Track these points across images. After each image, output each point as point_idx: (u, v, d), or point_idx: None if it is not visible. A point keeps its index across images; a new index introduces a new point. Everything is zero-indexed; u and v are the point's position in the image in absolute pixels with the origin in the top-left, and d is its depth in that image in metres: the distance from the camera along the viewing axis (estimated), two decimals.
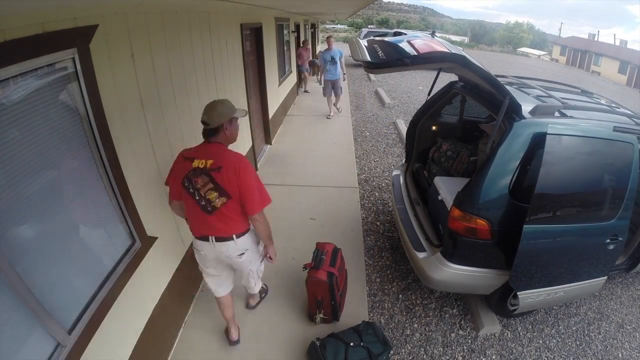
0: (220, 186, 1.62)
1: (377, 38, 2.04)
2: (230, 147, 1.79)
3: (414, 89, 10.58)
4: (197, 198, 1.65)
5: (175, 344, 2.25)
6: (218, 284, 2.03)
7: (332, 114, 6.93)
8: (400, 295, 2.76)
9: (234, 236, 1.75)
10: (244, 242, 1.82)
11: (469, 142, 3.28)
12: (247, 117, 4.07)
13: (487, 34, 58.13)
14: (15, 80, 1.12)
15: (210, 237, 1.74)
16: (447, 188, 2.44)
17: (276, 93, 6.01)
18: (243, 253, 1.84)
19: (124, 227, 1.75)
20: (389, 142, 5.97)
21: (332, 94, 6.74)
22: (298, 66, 8.75)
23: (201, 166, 1.63)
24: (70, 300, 1.42)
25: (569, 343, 2.45)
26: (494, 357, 2.32)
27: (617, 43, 30.30)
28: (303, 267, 2.38)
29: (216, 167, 1.61)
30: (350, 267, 2.87)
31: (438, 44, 1.94)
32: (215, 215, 1.67)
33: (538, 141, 1.91)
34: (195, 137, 2.60)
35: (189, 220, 1.82)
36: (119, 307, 1.62)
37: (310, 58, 9.37)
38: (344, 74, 7.04)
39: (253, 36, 4.58)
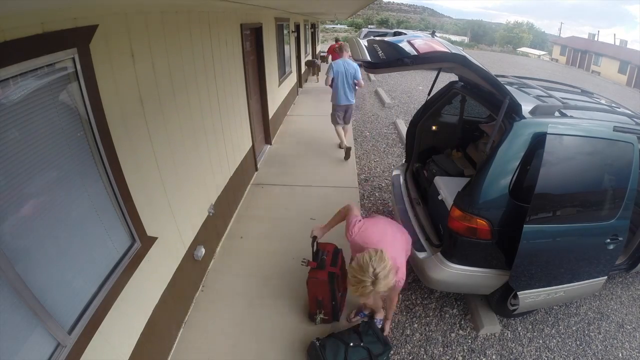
0: None
1: (377, 38, 2.04)
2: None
3: (414, 89, 10.58)
4: None
5: (175, 344, 2.25)
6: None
7: (344, 145, 5.15)
8: (400, 295, 2.75)
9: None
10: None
11: (469, 142, 3.28)
12: (247, 117, 4.07)
13: (487, 34, 58.12)
14: (15, 80, 1.12)
15: None
16: (447, 188, 2.44)
17: (276, 93, 6.01)
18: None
19: (124, 227, 1.75)
20: (389, 142, 5.97)
21: (343, 122, 5.10)
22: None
23: None
24: (70, 300, 1.42)
25: (569, 343, 2.45)
26: (494, 357, 2.32)
27: (617, 43, 30.33)
28: (302, 261, 2.35)
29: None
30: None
31: (438, 44, 1.94)
32: None
33: (538, 141, 1.91)
34: (195, 136, 2.61)
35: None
36: (119, 307, 1.62)
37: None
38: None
39: (253, 36, 4.57)
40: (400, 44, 1.88)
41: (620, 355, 2.41)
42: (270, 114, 5.43)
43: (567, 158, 1.97)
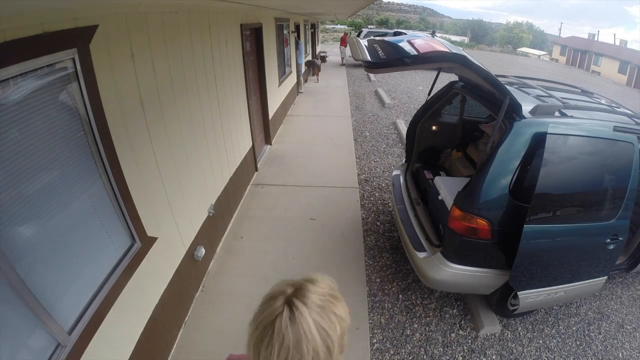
0: None
1: (378, 38, 2.04)
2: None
3: (414, 89, 10.58)
4: None
5: (175, 345, 2.25)
6: None
7: None
8: (401, 296, 2.75)
9: None
10: None
11: (469, 142, 3.28)
12: (247, 117, 4.07)
13: (487, 34, 58.10)
14: (15, 80, 1.12)
15: None
16: (447, 188, 2.44)
17: (276, 93, 6.02)
18: None
19: (124, 227, 1.75)
20: (389, 142, 5.97)
21: None
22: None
23: None
24: (70, 301, 1.42)
25: (569, 343, 2.45)
26: (494, 357, 2.32)
27: (617, 43, 30.32)
28: None
29: None
30: (351, 268, 2.87)
31: (438, 44, 1.94)
32: None
33: (538, 141, 1.91)
34: (195, 136, 2.61)
35: None
36: (119, 307, 1.62)
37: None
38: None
39: (253, 36, 4.58)
40: (401, 44, 1.88)
41: (620, 355, 2.40)
42: (270, 114, 5.43)
43: (567, 158, 1.97)
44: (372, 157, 5.34)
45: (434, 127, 3.34)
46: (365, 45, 1.95)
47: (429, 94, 3.16)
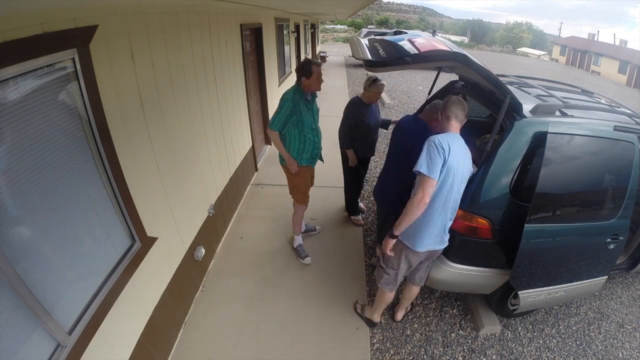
0: None
1: (378, 37, 2.04)
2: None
3: (414, 89, 10.58)
4: None
5: (175, 345, 2.25)
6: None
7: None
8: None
9: None
10: None
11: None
12: (247, 118, 4.07)
13: (486, 34, 58.11)
14: (15, 80, 1.12)
15: None
16: None
17: (276, 93, 6.01)
18: None
19: (124, 227, 1.75)
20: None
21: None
22: None
23: None
24: (70, 301, 1.41)
25: (569, 343, 2.45)
26: (494, 357, 2.32)
27: (617, 43, 30.33)
28: None
29: None
30: (351, 267, 2.86)
31: (439, 43, 1.94)
32: None
33: (539, 140, 1.91)
34: (194, 137, 2.61)
35: None
36: (119, 307, 1.62)
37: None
38: None
39: (253, 37, 4.57)
40: (401, 43, 1.88)
41: (620, 355, 2.40)
42: (270, 114, 5.43)
43: (567, 157, 1.97)
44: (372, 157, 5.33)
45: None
46: (366, 44, 1.95)
47: (429, 94, 3.15)
